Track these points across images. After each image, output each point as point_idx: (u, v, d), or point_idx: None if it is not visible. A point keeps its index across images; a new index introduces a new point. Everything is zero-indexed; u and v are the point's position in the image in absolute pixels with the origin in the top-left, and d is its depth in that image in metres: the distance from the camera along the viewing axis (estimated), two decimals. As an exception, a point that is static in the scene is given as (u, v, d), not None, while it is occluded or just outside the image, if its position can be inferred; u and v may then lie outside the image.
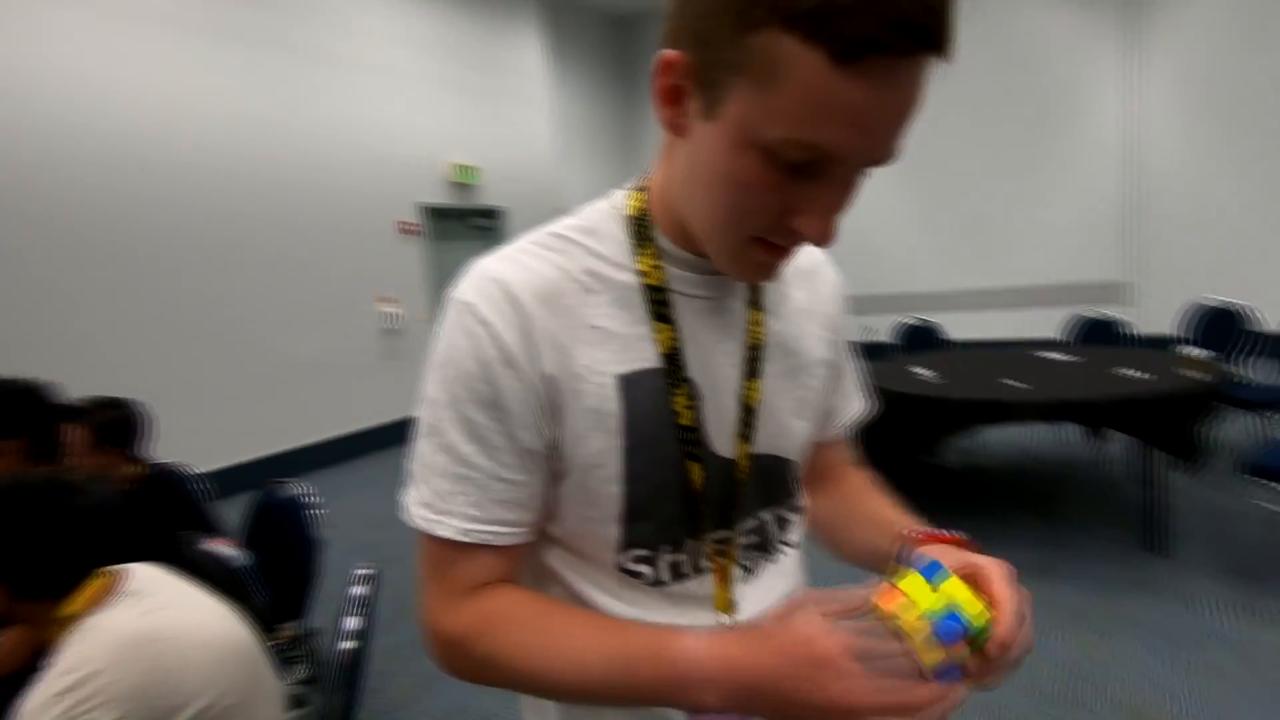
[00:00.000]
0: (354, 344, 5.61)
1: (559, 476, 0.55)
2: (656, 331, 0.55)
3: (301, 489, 1.74)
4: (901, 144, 0.44)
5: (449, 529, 0.52)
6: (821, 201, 0.45)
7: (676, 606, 0.58)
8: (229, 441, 4.80)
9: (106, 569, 1.01)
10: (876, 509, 0.70)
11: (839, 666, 0.43)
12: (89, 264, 4.11)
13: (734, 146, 0.44)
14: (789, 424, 0.63)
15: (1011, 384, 3.07)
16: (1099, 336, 4.26)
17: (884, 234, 7.90)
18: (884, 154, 0.44)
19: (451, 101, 6.30)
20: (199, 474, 2.06)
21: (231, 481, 4.65)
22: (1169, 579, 2.61)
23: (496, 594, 0.54)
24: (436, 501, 0.53)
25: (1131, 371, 3.04)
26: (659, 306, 0.55)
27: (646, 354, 0.55)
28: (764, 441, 0.61)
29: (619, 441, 0.54)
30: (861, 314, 8.21)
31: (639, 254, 0.56)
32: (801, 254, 0.68)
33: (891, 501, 0.71)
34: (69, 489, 1.00)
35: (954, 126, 7.25)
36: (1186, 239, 6.46)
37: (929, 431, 3.01)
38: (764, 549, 0.63)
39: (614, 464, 0.54)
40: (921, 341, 4.66)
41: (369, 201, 5.66)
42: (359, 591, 1.18)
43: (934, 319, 4.75)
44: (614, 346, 0.54)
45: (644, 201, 0.57)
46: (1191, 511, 3.18)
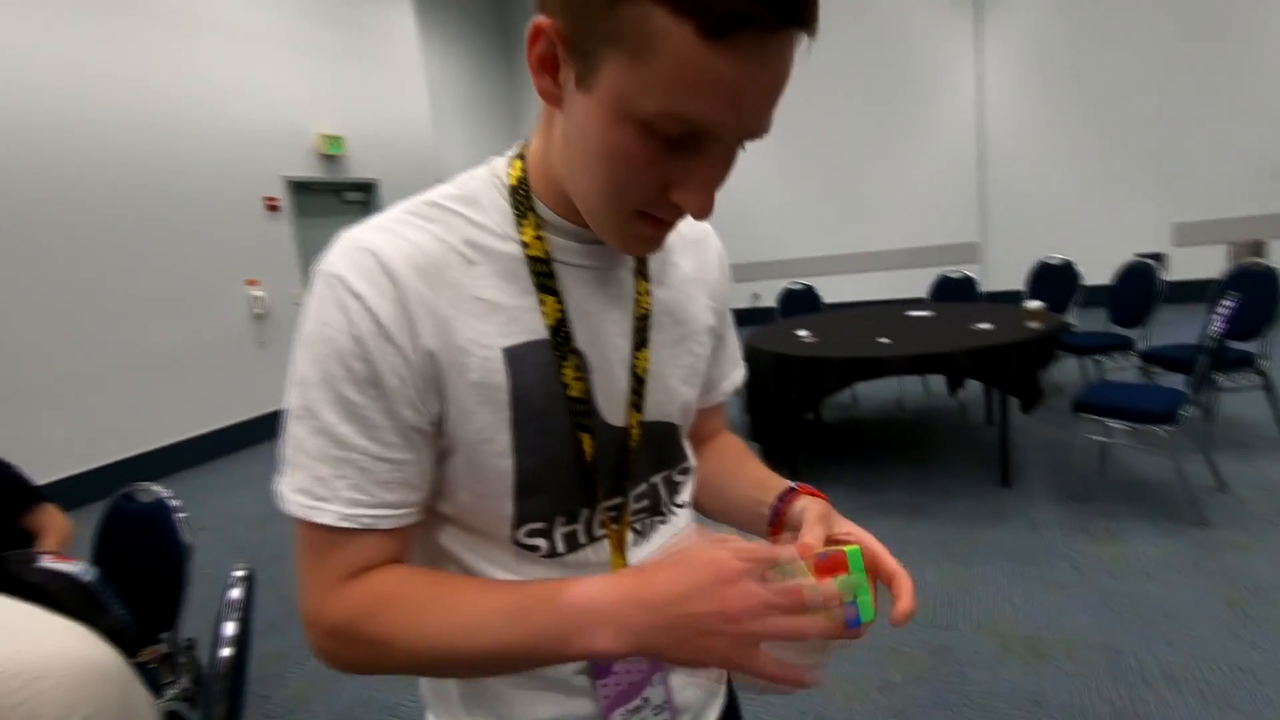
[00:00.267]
0: (220, 331, 5.16)
1: (446, 453, 0.54)
2: (542, 303, 0.54)
3: (161, 493, 1.59)
4: (772, 118, 0.45)
5: (330, 515, 0.49)
6: (699, 175, 0.45)
7: (573, 575, 0.59)
8: (77, 446, 4.32)
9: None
10: (751, 470, 0.73)
11: (741, 582, 0.43)
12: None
13: (609, 119, 0.43)
14: (677, 391, 0.64)
15: (882, 341, 3.30)
16: (957, 294, 4.65)
17: (764, 204, 8.19)
18: (757, 128, 0.44)
19: (316, 66, 5.85)
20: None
21: (83, 490, 4.20)
22: (1017, 508, 2.94)
23: (383, 574, 0.52)
24: (315, 487, 0.50)
25: (984, 325, 3.35)
26: (544, 278, 0.54)
27: (533, 326, 0.54)
28: (653, 409, 0.62)
29: (508, 415, 0.53)
30: (745, 280, 8.52)
31: (521, 224, 0.54)
32: (688, 224, 0.69)
33: (761, 464, 0.74)
34: None
35: (824, 102, 7.59)
36: (1025, 203, 7.18)
37: (811, 390, 3.18)
38: (656, 511, 0.65)
39: (503, 438, 0.53)
40: (802, 305, 4.89)
41: (231, 175, 5.19)
42: (235, 595, 1.10)
43: (813, 283, 5.00)
44: (499, 319, 0.53)
45: (524, 170, 0.56)
46: (1033, 447, 3.59)
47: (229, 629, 1.05)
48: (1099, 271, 4.74)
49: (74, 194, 4.31)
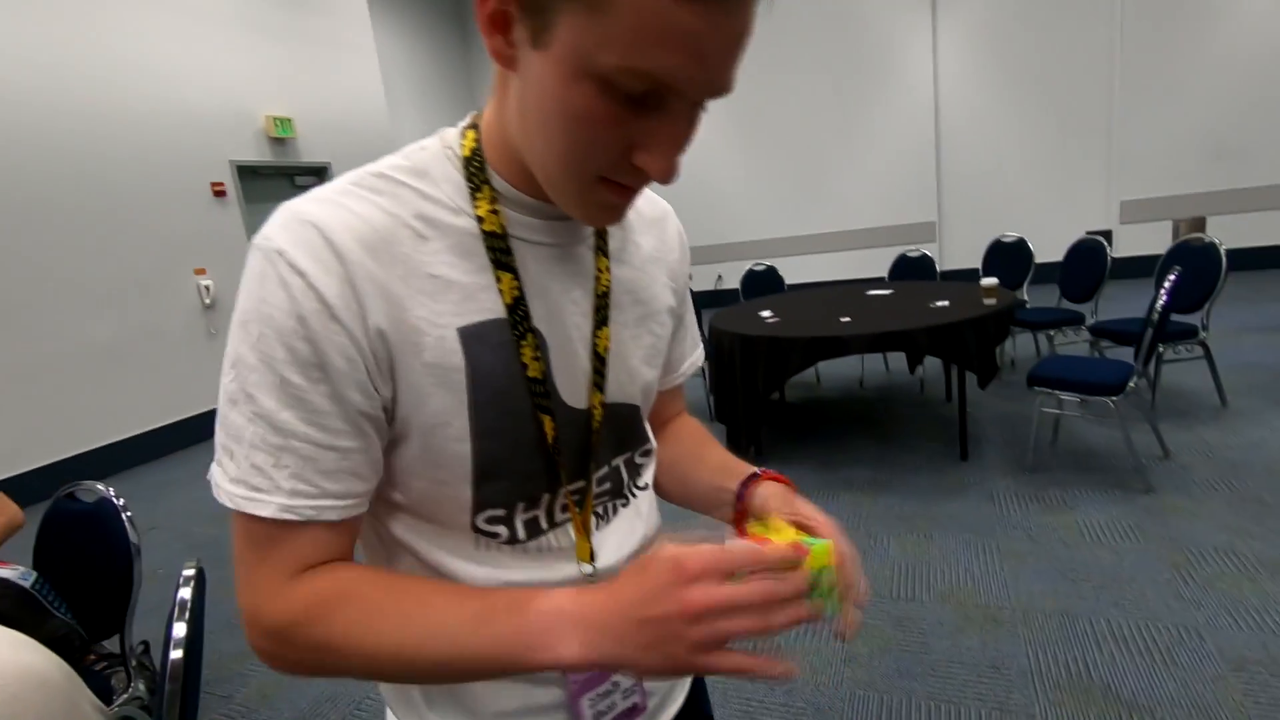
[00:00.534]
0: (169, 322, 4.96)
1: (399, 439, 0.51)
2: (499, 280, 0.52)
3: (105, 491, 1.52)
4: (736, 75, 0.43)
5: (270, 507, 0.46)
6: (663, 136, 0.43)
7: (536, 561, 0.57)
8: (17, 445, 4.13)
9: None
10: (713, 453, 0.72)
11: (701, 581, 0.42)
12: None
13: (567, 77, 0.41)
14: (639, 371, 0.63)
15: (843, 320, 3.33)
16: (916, 273, 4.72)
17: (726, 186, 8.20)
18: (720, 84, 0.42)
19: (264, 46, 5.60)
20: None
21: (25, 492, 4.01)
22: (976, 480, 3.01)
23: (331, 573, 0.49)
24: (252, 477, 0.46)
25: (941, 303, 3.41)
26: (500, 254, 0.52)
27: (489, 305, 0.51)
28: (615, 390, 0.60)
29: (465, 398, 0.50)
30: (708, 262, 8.53)
31: (476, 198, 0.51)
32: (648, 203, 0.67)
33: (723, 448, 0.73)
34: None
35: (785, 84, 7.61)
36: (980, 184, 7.33)
37: (775, 370, 3.20)
38: (618, 494, 0.63)
39: (461, 422, 0.51)
40: (765, 286, 4.92)
41: (175, 160, 4.97)
42: (185, 594, 1.06)
43: (776, 264, 5.03)
44: (454, 297, 0.50)
45: (478, 141, 0.53)
46: (990, 421, 3.69)
47: (179, 630, 1.01)
48: (1050, 249, 4.88)
49: (8, 182, 4.07)
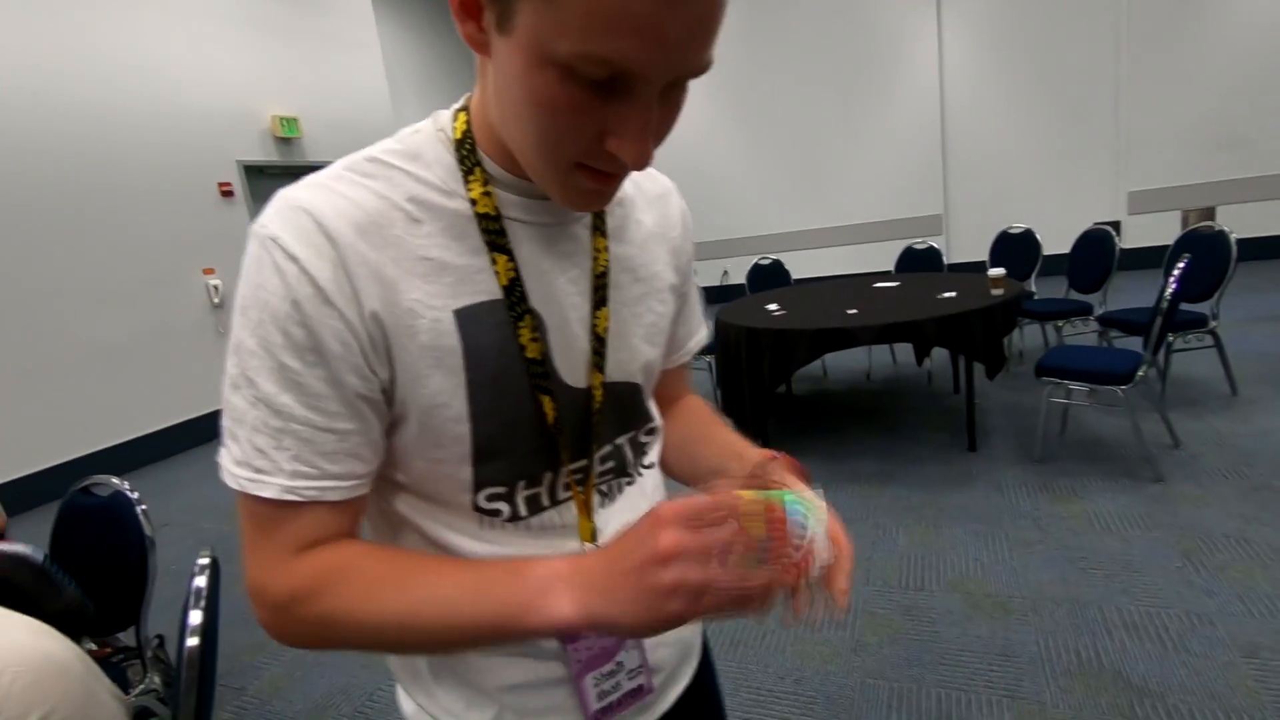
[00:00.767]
0: (178, 322, 5.01)
1: (399, 421, 0.52)
2: (494, 262, 0.52)
3: (119, 486, 1.54)
4: (711, 54, 0.41)
5: (272, 488, 0.47)
6: (633, 122, 0.42)
7: (538, 539, 0.58)
8: (31, 445, 4.17)
9: None
10: (721, 434, 0.72)
11: (673, 525, 0.41)
12: None
13: (530, 64, 0.41)
14: (640, 350, 0.63)
15: (850, 312, 3.33)
16: (922, 265, 4.70)
17: (731, 181, 8.17)
18: (689, 66, 0.41)
19: (269, 46, 5.63)
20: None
21: (39, 491, 4.07)
22: (984, 471, 3.01)
23: (332, 549, 0.50)
24: (255, 459, 0.47)
25: (948, 294, 3.40)
26: (494, 235, 0.52)
27: (485, 286, 0.52)
28: (616, 369, 0.60)
29: (463, 378, 0.51)
30: (714, 258, 8.52)
31: (468, 180, 0.52)
32: (650, 180, 0.67)
33: (731, 429, 0.73)
34: None
35: (790, 79, 7.59)
36: (987, 175, 7.28)
37: (782, 362, 3.20)
38: (622, 473, 0.64)
39: (459, 402, 0.51)
40: (771, 280, 4.91)
41: (182, 161, 5.00)
42: (200, 583, 1.07)
43: (782, 258, 5.02)
44: (449, 279, 0.50)
45: (468, 123, 0.53)
46: (998, 411, 3.67)
47: (194, 618, 1.02)
48: (1058, 240, 4.84)
49: (19, 184, 4.11)
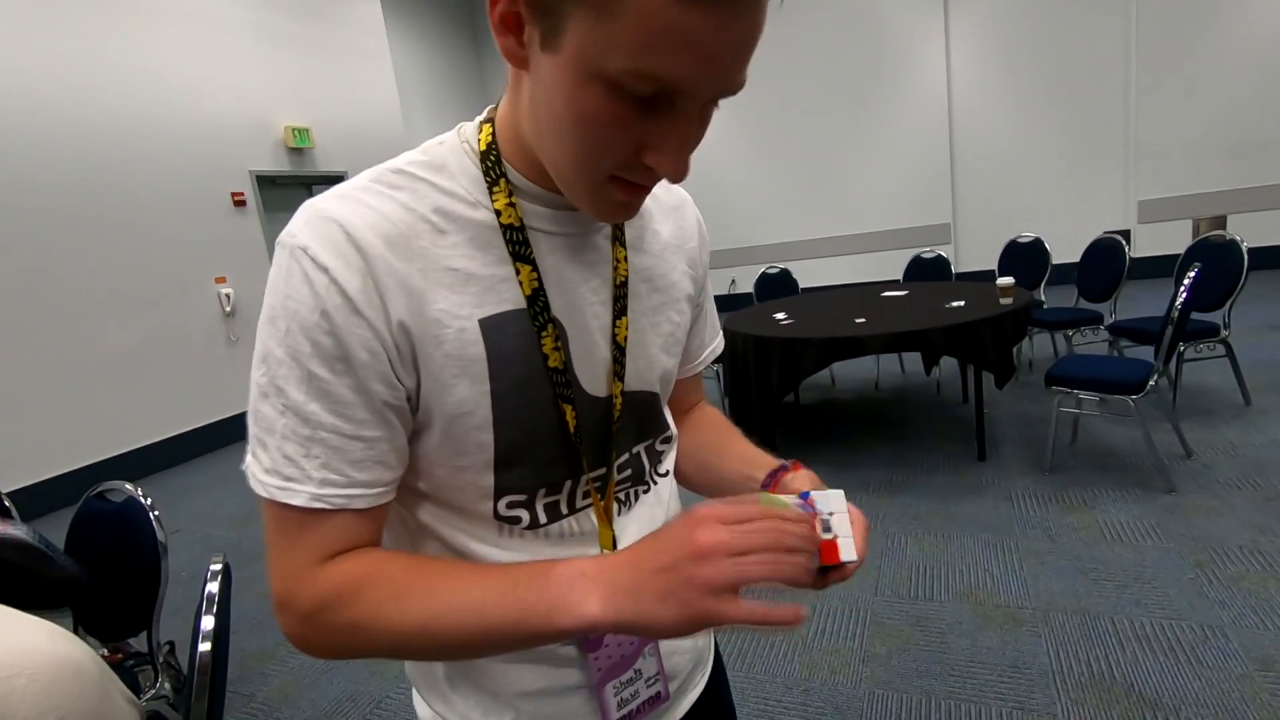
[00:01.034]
0: (191, 330, 5.06)
1: (422, 428, 0.53)
2: (518, 272, 0.53)
3: (133, 492, 1.56)
4: (746, 74, 0.43)
5: (301, 496, 0.48)
6: (673, 136, 0.44)
7: (557, 547, 0.58)
8: (44, 451, 4.21)
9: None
10: (736, 443, 0.73)
11: (710, 523, 0.44)
12: None
13: (576, 80, 0.42)
14: (658, 359, 0.64)
15: (858, 321, 3.33)
16: (931, 274, 4.70)
17: (739, 191, 8.20)
18: (730, 84, 0.42)
19: (281, 57, 5.70)
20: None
21: (52, 497, 4.10)
22: (994, 481, 2.99)
23: (357, 557, 0.51)
24: (284, 467, 0.48)
25: (957, 303, 3.39)
26: (518, 246, 0.53)
27: (509, 296, 0.53)
28: (635, 378, 0.61)
29: (487, 387, 0.52)
30: (722, 267, 8.52)
31: (493, 191, 0.53)
32: (666, 191, 0.68)
33: (745, 438, 0.74)
34: None
35: (797, 88, 7.61)
36: (995, 184, 7.28)
37: (790, 371, 3.20)
38: (640, 481, 0.64)
39: (483, 411, 0.52)
40: (779, 289, 4.91)
41: (195, 171, 5.07)
42: (212, 589, 1.08)
43: (790, 268, 5.02)
44: (473, 289, 0.51)
45: (493, 135, 0.54)
46: (1007, 421, 3.65)
47: (206, 623, 1.03)
48: (1068, 249, 4.83)
49: (36, 193, 4.18)
